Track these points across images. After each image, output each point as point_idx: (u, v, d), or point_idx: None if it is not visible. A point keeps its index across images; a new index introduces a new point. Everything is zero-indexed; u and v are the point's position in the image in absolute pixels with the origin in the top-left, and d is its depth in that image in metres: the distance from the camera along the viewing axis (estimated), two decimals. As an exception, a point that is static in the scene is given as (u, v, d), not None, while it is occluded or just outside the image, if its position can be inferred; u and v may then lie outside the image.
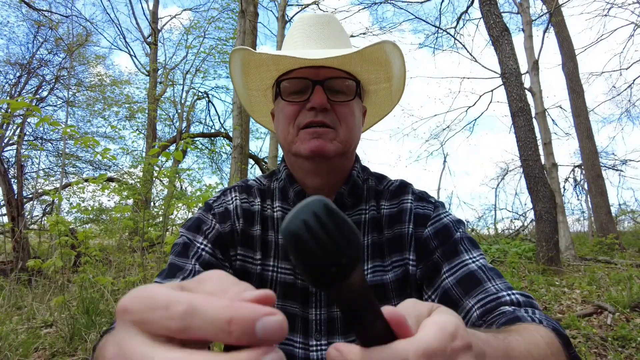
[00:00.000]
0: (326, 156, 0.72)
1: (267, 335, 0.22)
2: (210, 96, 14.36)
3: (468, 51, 8.76)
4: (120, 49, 19.58)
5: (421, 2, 9.70)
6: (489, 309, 0.61)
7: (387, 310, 0.28)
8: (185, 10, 17.43)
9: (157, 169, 4.60)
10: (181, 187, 7.79)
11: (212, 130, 14.26)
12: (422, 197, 0.81)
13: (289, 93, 0.76)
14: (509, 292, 0.63)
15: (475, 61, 8.43)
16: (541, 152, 6.29)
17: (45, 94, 12.55)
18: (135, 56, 13.22)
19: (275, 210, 0.81)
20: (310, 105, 0.72)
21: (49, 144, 12.06)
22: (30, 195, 9.77)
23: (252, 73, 0.82)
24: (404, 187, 0.83)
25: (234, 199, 0.81)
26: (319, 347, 0.71)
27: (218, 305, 0.22)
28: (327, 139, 0.72)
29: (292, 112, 0.74)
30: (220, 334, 0.22)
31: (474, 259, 0.70)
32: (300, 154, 0.73)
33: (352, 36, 10.53)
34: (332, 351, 0.28)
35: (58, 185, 10.44)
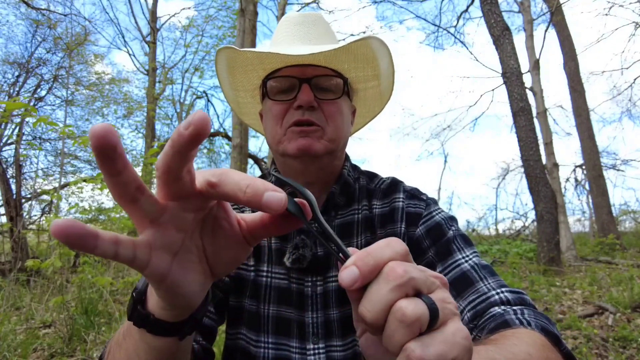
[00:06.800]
0: (314, 155, 0.71)
1: (269, 203, 0.30)
2: (209, 95, 14.32)
3: (469, 50, 8.74)
4: (119, 48, 19.67)
5: (421, 1, 9.69)
6: (479, 312, 0.61)
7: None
8: (184, 9, 17.45)
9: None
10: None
11: (211, 130, 14.22)
12: (414, 194, 0.80)
13: (276, 92, 0.75)
14: (500, 290, 0.63)
15: (476, 60, 8.41)
16: (542, 152, 6.27)
17: (43, 93, 12.49)
18: (134, 55, 13.22)
19: None
20: (297, 103, 0.71)
21: (48, 144, 12.03)
22: (29, 195, 9.75)
23: (239, 73, 0.81)
24: (395, 185, 0.82)
25: None
26: (316, 351, 0.70)
27: (244, 176, 0.31)
28: (315, 138, 0.71)
29: (280, 111, 0.73)
30: (238, 193, 0.30)
31: (467, 258, 0.69)
32: (288, 154, 0.72)
33: (352, 35, 10.50)
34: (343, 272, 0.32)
35: (57, 184, 10.42)
